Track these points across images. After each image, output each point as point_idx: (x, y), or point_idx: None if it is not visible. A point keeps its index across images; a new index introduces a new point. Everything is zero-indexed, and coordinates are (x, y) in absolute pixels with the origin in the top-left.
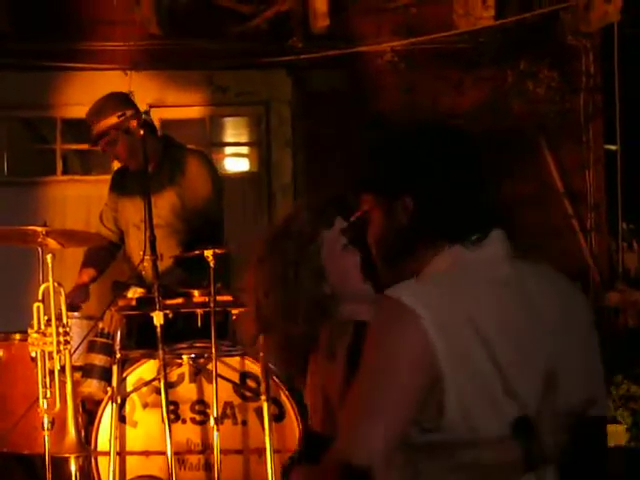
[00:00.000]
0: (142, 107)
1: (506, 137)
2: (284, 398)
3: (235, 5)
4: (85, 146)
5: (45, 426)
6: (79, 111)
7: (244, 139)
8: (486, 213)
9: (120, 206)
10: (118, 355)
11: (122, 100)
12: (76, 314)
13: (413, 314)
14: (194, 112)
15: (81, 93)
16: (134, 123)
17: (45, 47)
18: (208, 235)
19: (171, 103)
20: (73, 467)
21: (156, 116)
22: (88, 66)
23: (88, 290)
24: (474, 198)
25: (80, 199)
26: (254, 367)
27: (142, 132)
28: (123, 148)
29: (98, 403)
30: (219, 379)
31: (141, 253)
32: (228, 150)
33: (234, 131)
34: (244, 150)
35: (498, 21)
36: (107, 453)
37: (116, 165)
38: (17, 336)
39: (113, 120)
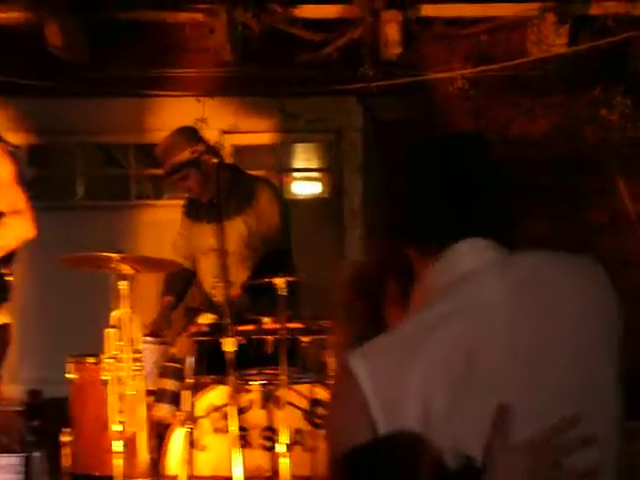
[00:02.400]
0: (215, 134)
1: (578, 164)
2: None
3: (307, 33)
4: (158, 171)
5: (117, 449)
6: (153, 137)
7: (315, 165)
8: (464, 219)
9: (191, 233)
10: (189, 380)
11: (192, 135)
12: (149, 339)
13: (357, 385)
14: (266, 138)
15: (155, 119)
16: (205, 157)
17: (119, 74)
18: (276, 263)
19: (243, 129)
20: None
21: (229, 142)
22: (162, 93)
23: (170, 317)
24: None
25: (153, 223)
26: (324, 394)
27: (215, 161)
28: (195, 182)
29: (169, 427)
30: (289, 406)
31: (212, 280)
32: (299, 175)
33: (305, 156)
34: (315, 176)
35: (571, 48)
36: (176, 477)
37: None
38: (90, 360)
39: (185, 156)
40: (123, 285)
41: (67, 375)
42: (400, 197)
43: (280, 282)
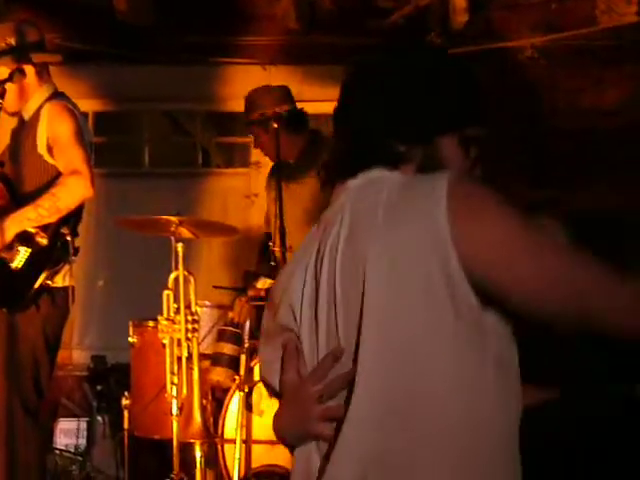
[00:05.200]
0: None
1: None
2: None
3: (375, 1)
4: (227, 139)
5: (173, 412)
6: (219, 104)
7: None
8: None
9: (269, 198)
10: (247, 344)
11: (271, 95)
12: (206, 302)
13: None
14: (331, 107)
15: (221, 87)
16: (271, 120)
17: (185, 41)
18: None
19: (308, 98)
20: (198, 453)
21: None
22: (228, 60)
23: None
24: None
25: (219, 192)
26: None
27: (275, 126)
28: (262, 142)
29: (226, 391)
30: None
31: (271, 244)
32: None
33: None
34: None
35: None
36: (233, 441)
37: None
38: (150, 323)
39: (255, 116)
40: (180, 248)
41: (129, 339)
42: None
43: None
